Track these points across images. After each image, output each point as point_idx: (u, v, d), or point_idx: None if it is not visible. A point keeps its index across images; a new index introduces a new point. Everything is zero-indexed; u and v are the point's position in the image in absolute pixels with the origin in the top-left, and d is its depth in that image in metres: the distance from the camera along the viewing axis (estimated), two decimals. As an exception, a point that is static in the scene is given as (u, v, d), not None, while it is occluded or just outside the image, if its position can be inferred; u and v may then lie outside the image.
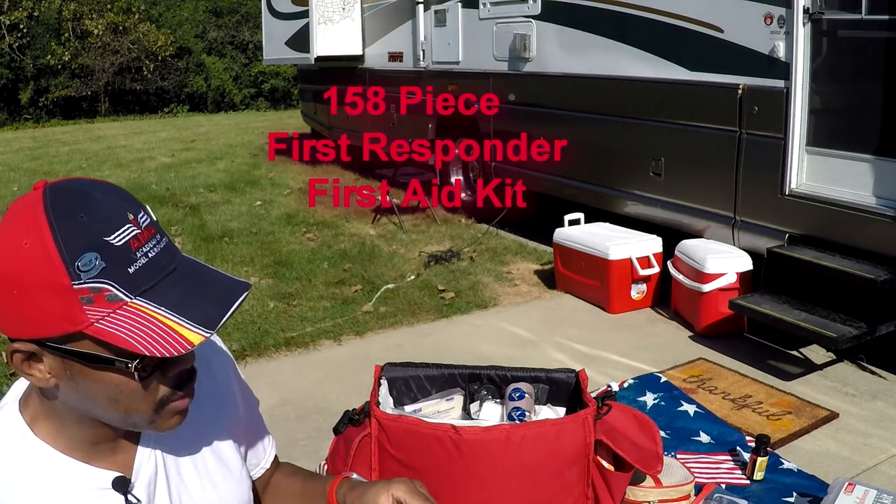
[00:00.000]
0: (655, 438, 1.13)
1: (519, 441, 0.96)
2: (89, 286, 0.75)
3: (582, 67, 4.97)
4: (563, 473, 0.99)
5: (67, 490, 0.86)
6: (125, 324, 0.76)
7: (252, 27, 19.58)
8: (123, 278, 0.77)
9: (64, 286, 0.75)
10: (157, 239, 0.81)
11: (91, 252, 0.75)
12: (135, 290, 0.77)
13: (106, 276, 0.76)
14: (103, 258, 0.76)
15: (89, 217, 0.77)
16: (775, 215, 3.81)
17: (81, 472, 0.87)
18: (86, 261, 0.75)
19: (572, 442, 0.99)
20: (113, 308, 0.76)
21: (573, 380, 1.19)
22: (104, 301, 0.76)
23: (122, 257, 0.77)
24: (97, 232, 0.76)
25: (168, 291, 0.79)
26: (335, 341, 3.95)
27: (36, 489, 0.84)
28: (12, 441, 0.86)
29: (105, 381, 0.80)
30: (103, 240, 0.76)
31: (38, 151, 12.03)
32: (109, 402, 0.82)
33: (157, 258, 0.80)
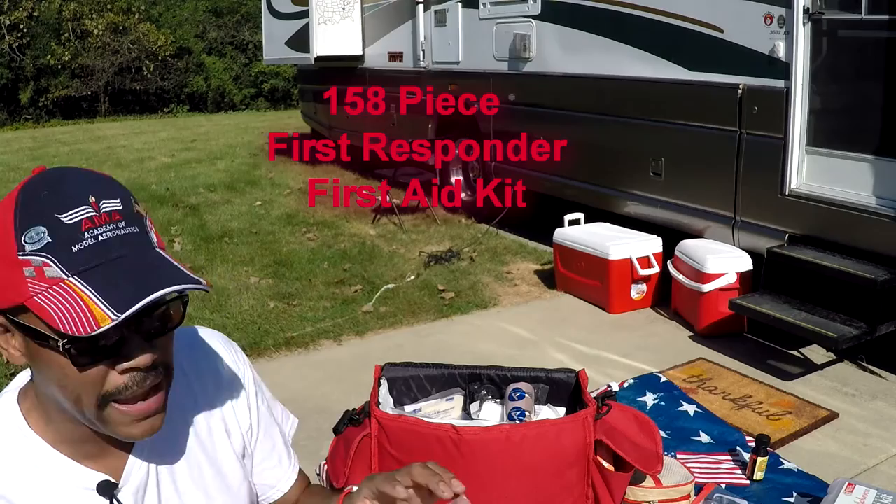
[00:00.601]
0: (655, 438, 1.13)
1: (519, 441, 0.96)
2: (31, 259, 0.76)
3: (582, 67, 4.97)
4: (564, 473, 0.99)
5: (54, 485, 0.86)
6: (56, 300, 0.75)
7: (252, 27, 19.57)
8: (66, 256, 0.76)
9: (11, 256, 0.76)
10: (116, 225, 0.79)
11: (40, 226, 0.76)
12: (73, 269, 0.76)
13: (49, 252, 0.76)
14: (50, 233, 0.76)
15: (51, 194, 0.78)
16: (775, 215, 3.80)
17: (69, 468, 0.87)
18: (33, 233, 0.76)
19: (572, 442, 0.99)
20: (51, 284, 0.76)
21: (573, 380, 1.19)
22: (44, 276, 0.76)
23: (69, 235, 0.77)
24: (51, 208, 0.77)
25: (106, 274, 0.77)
26: (335, 341, 3.95)
27: (23, 480, 0.84)
28: (6, 430, 0.86)
29: (52, 363, 0.79)
30: (55, 216, 0.77)
31: (38, 151, 12.03)
32: (60, 388, 0.81)
33: (108, 242, 0.78)
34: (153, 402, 0.84)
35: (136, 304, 0.74)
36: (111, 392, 0.81)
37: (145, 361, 0.81)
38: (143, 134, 14.02)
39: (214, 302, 4.48)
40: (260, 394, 1.11)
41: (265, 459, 1.11)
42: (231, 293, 4.62)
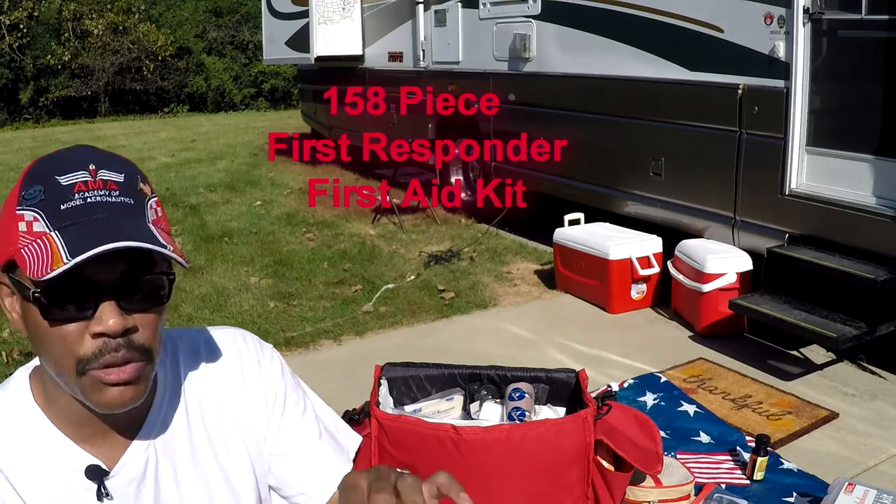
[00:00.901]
0: (655, 438, 1.13)
1: (519, 441, 0.96)
2: (25, 213, 0.81)
3: (582, 67, 4.97)
4: (563, 473, 0.99)
5: (49, 461, 0.87)
6: (35, 250, 0.78)
7: (252, 27, 19.57)
8: (53, 212, 0.80)
9: (11, 211, 0.82)
10: (109, 193, 0.83)
11: (39, 185, 0.82)
12: (55, 224, 0.80)
13: (40, 207, 0.81)
14: (45, 192, 0.81)
15: (57, 161, 0.85)
16: (775, 215, 3.80)
17: (66, 448, 0.88)
18: (31, 191, 0.82)
19: (572, 442, 0.99)
20: (36, 237, 0.80)
21: (573, 380, 1.19)
22: (32, 229, 0.80)
23: (60, 194, 0.81)
24: (52, 171, 0.83)
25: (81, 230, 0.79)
26: (335, 341, 3.95)
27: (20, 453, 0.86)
28: (13, 403, 0.89)
29: (32, 319, 0.82)
30: (54, 177, 0.82)
31: (38, 151, 12.02)
32: (43, 350, 0.84)
33: (95, 205, 0.81)
34: (125, 370, 0.83)
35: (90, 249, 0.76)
36: (86, 357, 0.81)
37: (115, 327, 0.81)
38: (143, 134, 14.02)
39: (214, 302, 4.48)
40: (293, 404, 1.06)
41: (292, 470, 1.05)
42: (231, 293, 4.62)
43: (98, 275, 0.80)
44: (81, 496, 0.87)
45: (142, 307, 0.84)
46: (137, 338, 0.84)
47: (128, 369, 0.83)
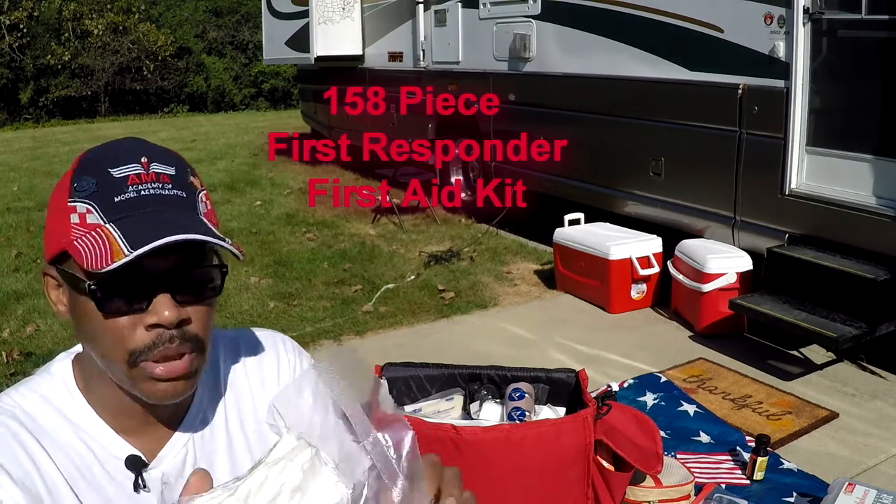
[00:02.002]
0: (655, 438, 1.13)
1: (519, 441, 0.96)
2: (77, 205, 0.81)
3: (582, 67, 4.97)
4: (564, 473, 0.99)
5: (90, 449, 0.87)
6: (90, 242, 0.78)
7: (252, 27, 19.57)
8: (107, 204, 0.80)
9: (62, 203, 0.82)
10: (162, 185, 0.83)
11: (91, 177, 0.81)
12: (110, 217, 0.80)
13: (93, 199, 0.80)
14: (98, 184, 0.81)
15: (108, 152, 0.84)
16: (775, 215, 3.80)
17: (107, 436, 0.88)
18: (83, 183, 0.81)
19: (572, 442, 0.99)
20: (91, 229, 0.80)
21: (573, 380, 1.19)
22: (86, 221, 0.80)
23: (114, 187, 0.81)
24: (104, 163, 0.82)
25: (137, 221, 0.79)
26: (335, 341, 3.95)
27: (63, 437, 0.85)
28: (56, 388, 0.88)
29: (86, 313, 0.82)
30: (106, 169, 0.82)
31: (38, 151, 12.03)
32: (93, 341, 0.84)
33: (149, 198, 0.81)
34: (179, 364, 0.83)
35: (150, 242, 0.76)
36: (139, 349, 0.82)
37: (170, 318, 0.81)
38: (143, 134, 13.95)
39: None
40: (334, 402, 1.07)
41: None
42: (231, 293, 4.62)
43: (153, 267, 0.80)
44: (120, 485, 0.88)
45: (195, 299, 0.84)
46: (190, 329, 0.84)
47: (181, 363, 0.83)
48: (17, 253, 5.71)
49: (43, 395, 0.87)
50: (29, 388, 0.88)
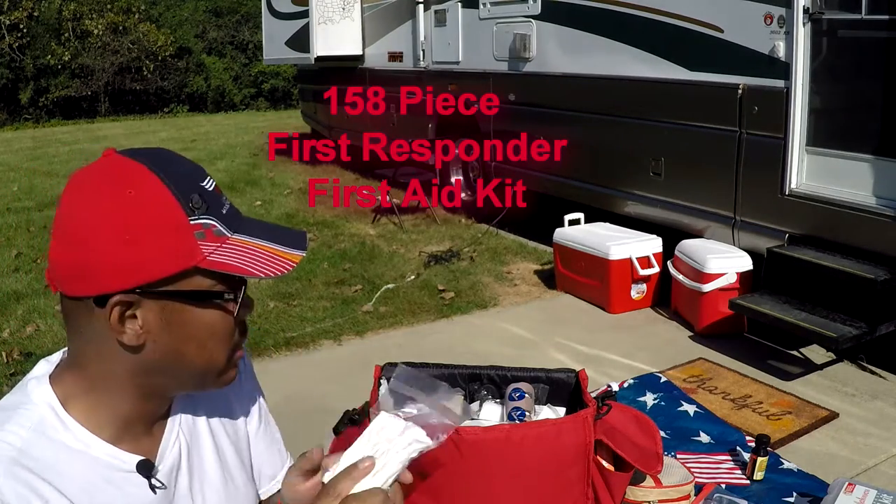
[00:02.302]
0: (655, 438, 1.13)
1: (519, 441, 0.96)
2: (201, 222, 0.82)
3: (582, 67, 4.97)
4: (563, 473, 0.99)
5: (95, 468, 0.87)
6: (233, 254, 0.83)
7: (252, 27, 19.57)
8: (221, 217, 0.85)
9: (181, 223, 0.81)
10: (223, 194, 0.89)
11: (195, 192, 0.83)
12: (231, 228, 0.85)
13: (211, 215, 0.84)
14: (203, 200, 0.83)
15: (181, 168, 0.86)
16: (775, 215, 3.81)
17: (109, 452, 0.88)
18: (195, 199, 0.83)
19: (572, 442, 0.99)
20: (220, 242, 0.83)
21: (573, 380, 1.19)
22: (213, 236, 0.83)
23: (216, 200, 0.85)
24: (193, 178, 0.85)
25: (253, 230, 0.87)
26: (335, 341, 3.95)
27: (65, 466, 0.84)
28: (45, 417, 0.86)
29: (201, 323, 0.86)
30: (199, 185, 0.84)
31: (38, 151, 12.03)
32: (198, 348, 0.87)
33: (232, 208, 0.88)
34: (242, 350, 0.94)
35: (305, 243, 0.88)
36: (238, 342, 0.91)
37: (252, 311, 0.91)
38: (143, 134, 14.02)
39: (214, 302, 4.47)
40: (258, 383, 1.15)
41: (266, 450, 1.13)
42: (231, 293, 4.61)
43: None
44: (135, 494, 0.89)
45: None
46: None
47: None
48: (17, 253, 5.71)
49: (34, 428, 0.84)
50: (17, 425, 0.84)
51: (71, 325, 0.88)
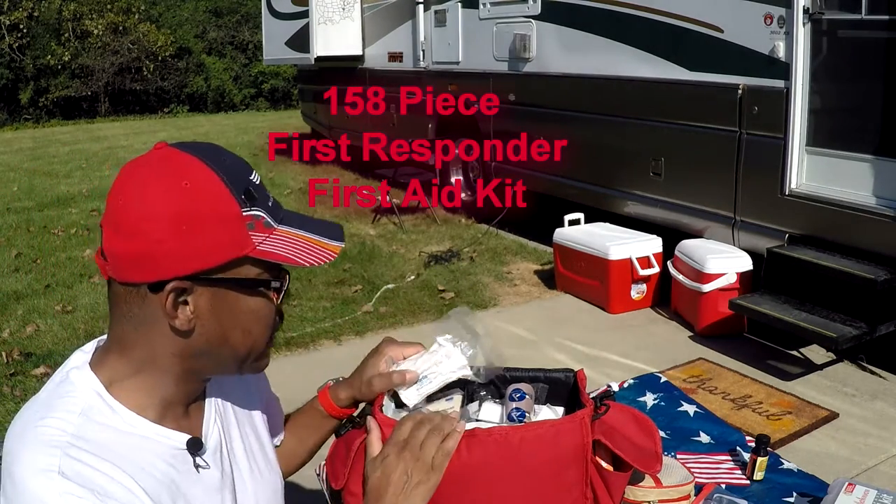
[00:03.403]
0: (654, 437, 1.12)
1: (518, 443, 0.96)
2: (252, 213, 0.87)
3: (582, 67, 4.97)
4: (562, 474, 0.99)
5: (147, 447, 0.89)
6: (279, 244, 0.87)
7: (252, 27, 19.58)
8: (268, 209, 0.89)
9: (234, 214, 0.85)
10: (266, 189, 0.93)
11: (247, 186, 0.88)
12: (276, 219, 0.89)
13: (259, 207, 0.88)
14: (254, 192, 0.88)
15: (232, 161, 0.89)
16: (775, 215, 3.80)
17: (157, 432, 0.91)
18: (247, 192, 0.87)
19: (570, 443, 0.99)
20: (268, 233, 0.88)
21: (571, 380, 1.18)
22: (262, 227, 0.87)
23: (262, 193, 0.90)
24: (242, 172, 0.89)
25: (294, 221, 0.91)
26: (335, 341, 3.95)
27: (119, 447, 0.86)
28: (92, 402, 0.88)
29: (248, 310, 0.90)
30: (248, 178, 0.89)
31: (38, 151, 12.03)
32: (243, 334, 0.91)
33: (276, 202, 0.92)
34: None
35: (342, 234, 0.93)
36: (276, 326, 0.96)
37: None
38: (143, 134, 14.02)
39: (214, 302, 4.47)
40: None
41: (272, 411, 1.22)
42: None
43: None
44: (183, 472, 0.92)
45: None
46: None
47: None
48: (17, 253, 5.72)
49: (82, 413, 0.86)
50: (66, 412, 0.86)
51: (119, 310, 0.89)
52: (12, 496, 0.81)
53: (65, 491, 0.79)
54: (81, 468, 0.81)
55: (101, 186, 8.55)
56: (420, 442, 0.96)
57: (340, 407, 1.17)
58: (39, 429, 0.84)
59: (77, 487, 0.79)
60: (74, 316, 4.33)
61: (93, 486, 0.80)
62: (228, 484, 0.98)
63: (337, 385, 1.19)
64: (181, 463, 0.91)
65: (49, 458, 0.81)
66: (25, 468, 0.81)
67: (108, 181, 8.97)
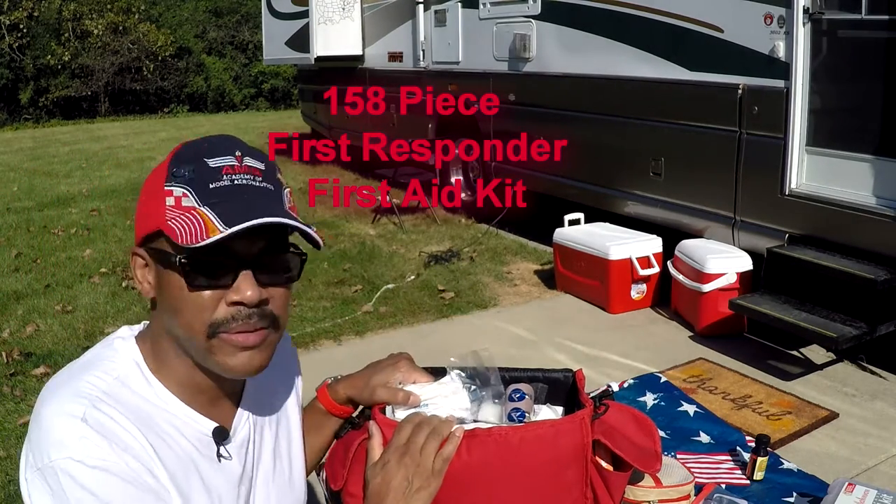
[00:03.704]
0: (654, 437, 1.12)
1: (517, 443, 0.96)
2: (174, 189, 0.87)
3: (582, 67, 4.97)
4: (562, 474, 0.99)
5: (174, 423, 0.92)
6: (184, 221, 0.85)
7: (252, 27, 19.57)
8: (202, 189, 0.87)
9: (159, 186, 0.88)
10: (252, 177, 0.90)
11: (188, 165, 0.88)
12: (205, 201, 0.86)
13: (189, 184, 0.87)
14: (194, 172, 0.87)
15: (207, 145, 0.91)
16: (775, 215, 3.80)
17: (185, 413, 0.94)
18: (180, 170, 0.88)
19: (570, 443, 0.99)
20: (185, 211, 0.86)
21: (570, 379, 1.18)
22: (181, 204, 0.86)
23: (209, 175, 0.88)
24: (201, 154, 0.89)
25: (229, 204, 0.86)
26: (335, 341, 3.95)
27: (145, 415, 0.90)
28: (130, 371, 0.92)
29: (170, 285, 0.89)
30: (203, 160, 0.88)
31: (38, 151, 12.03)
32: (175, 313, 0.89)
33: (242, 187, 0.88)
34: (254, 336, 0.90)
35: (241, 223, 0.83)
36: (219, 321, 0.88)
37: (252, 297, 0.88)
38: (143, 134, 14.02)
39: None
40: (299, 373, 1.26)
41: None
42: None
43: (240, 248, 0.87)
44: (205, 456, 0.94)
45: (275, 281, 0.92)
46: (269, 309, 0.91)
47: (255, 335, 0.90)
48: (17, 253, 5.71)
49: (118, 377, 0.91)
50: (103, 372, 0.90)
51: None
52: (35, 432, 0.85)
53: (83, 436, 0.83)
54: (105, 420, 0.85)
55: (101, 186, 8.56)
56: (420, 447, 0.95)
57: (338, 403, 1.17)
58: (73, 382, 0.89)
59: (96, 435, 0.83)
60: (74, 316, 4.33)
61: (112, 437, 0.84)
62: (247, 481, 1.00)
63: (336, 382, 1.19)
64: (205, 448, 0.94)
65: (76, 405, 0.85)
66: (52, 411, 0.85)
67: (108, 181, 8.97)
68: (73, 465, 0.81)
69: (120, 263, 5.37)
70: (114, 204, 7.49)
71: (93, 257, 5.58)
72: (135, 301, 4.49)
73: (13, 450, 2.94)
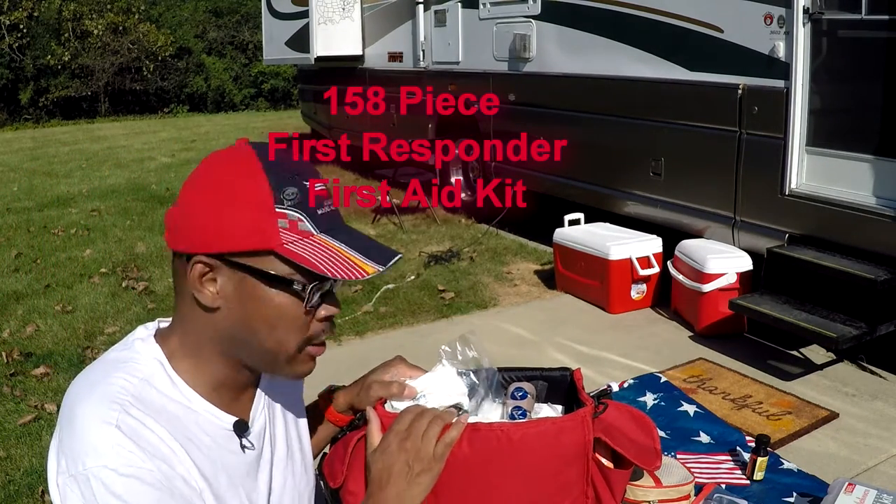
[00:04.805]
0: (653, 435, 1.12)
1: (519, 440, 0.96)
2: (287, 212, 0.88)
3: (582, 67, 4.97)
4: (563, 472, 0.99)
5: (198, 422, 0.94)
6: (312, 250, 0.88)
7: (252, 27, 19.58)
8: (314, 216, 0.90)
9: (268, 206, 0.88)
10: (331, 201, 0.95)
11: (293, 187, 0.90)
12: (321, 228, 0.90)
13: (301, 209, 0.89)
14: (301, 195, 0.90)
15: (292, 164, 0.93)
16: (775, 215, 3.80)
17: (209, 410, 0.95)
18: (289, 192, 0.89)
19: (571, 440, 0.99)
20: (302, 236, 0.89)
21: (568, 378, 1.19)
22: (296, 228, 0.89)
23: (315, 200, 0.91)
24: (298, 175, 0.91)
25: (344, 236, 0.92)
26: (335, 341, 3.95)
27: (172, 415, 0.91)
28: (154, 371, 0.94)
29: (272, 304, 0.91)
30: (302, 182, 0.91)
31: (38, 151, 12.03)
32: (267, 328, 0.92)
33: (334, 214, 0.95)
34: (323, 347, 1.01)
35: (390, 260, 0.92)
36: (312, 336, 0.96)
37: (338, 312, 0.98)
38: (143, 134, 14.02)
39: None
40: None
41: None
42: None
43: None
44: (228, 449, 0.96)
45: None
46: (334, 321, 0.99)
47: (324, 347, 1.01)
48: (18, 253, 5.72)
49: (144, 377, 0.92)
50: (129, 374, 0.91)
51: (176, 285, 0.96)
52: (68, 438, 0.86)
53: (118, 443, 0.84)
54: (137, 426, 0.86)
55: (100, 186, 8.56)
56: (422, 432, 0.97)
57: (338, 412, 1.19)
58: (104, 385, 0.90)
59: (129, 442, 0.84)
60: (74, 316, 4.33)
61: (145, 444, 0.86)
62: (266, 466, 1.02)
63: (337, 391, 1.21)
64: (228, 442, 0.96)
65: (110, 411, 0.86)
66: (88, 416, 0.86)
67: (107, 181, 8.97)
68: (107, 474, 0.82)
69: (120, 263, 5.37)
70: (114, 204, 7.50)
71: (93, 257, 5.58)
72: (134, 301, 4.48)
73: (13, 450, 2.94)
